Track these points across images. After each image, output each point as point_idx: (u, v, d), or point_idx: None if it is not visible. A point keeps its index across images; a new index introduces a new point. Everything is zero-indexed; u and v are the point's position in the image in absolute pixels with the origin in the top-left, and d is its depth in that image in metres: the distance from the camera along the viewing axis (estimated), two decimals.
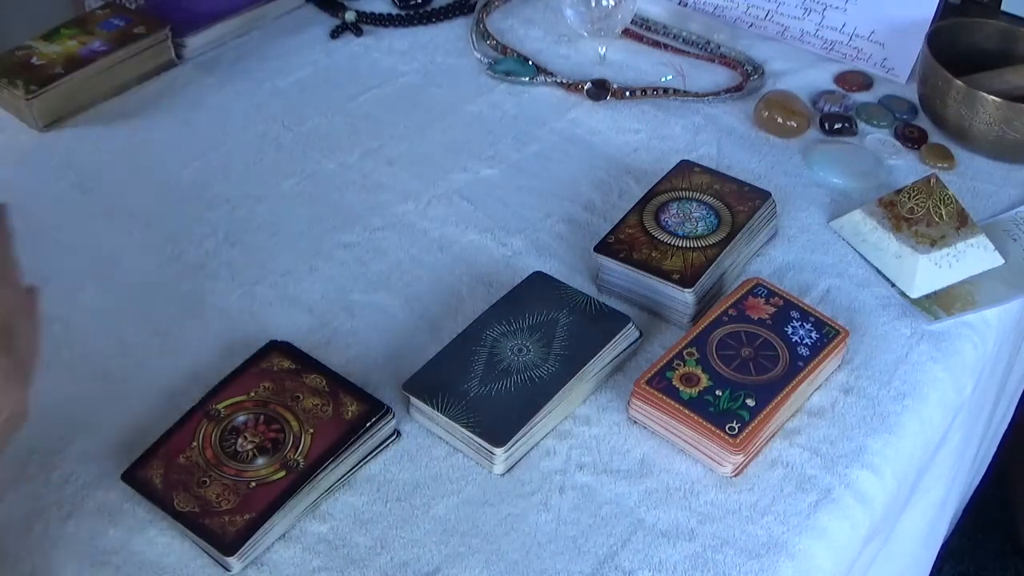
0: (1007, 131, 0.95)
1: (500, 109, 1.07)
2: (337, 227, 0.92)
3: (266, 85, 1.10)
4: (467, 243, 0.91)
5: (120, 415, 0.76)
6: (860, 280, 0.86)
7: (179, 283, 0.87)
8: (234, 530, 0.65)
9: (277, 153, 1.01)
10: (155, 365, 0.80)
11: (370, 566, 0.67)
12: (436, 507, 0.70)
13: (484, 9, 1.21)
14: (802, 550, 0.68)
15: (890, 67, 1.10)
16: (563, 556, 0.67)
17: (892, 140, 1.02)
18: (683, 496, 0.71)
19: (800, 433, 0.75)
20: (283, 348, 0.77)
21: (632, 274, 0.82)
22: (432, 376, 0.74)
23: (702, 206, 0.87)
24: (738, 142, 1.02)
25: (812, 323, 0.77)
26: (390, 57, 1.15)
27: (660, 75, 1.11)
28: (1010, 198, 0.95)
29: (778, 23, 1.16)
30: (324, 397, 0.73)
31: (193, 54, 1.13)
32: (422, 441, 0.75)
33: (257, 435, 0.70)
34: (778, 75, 1.11)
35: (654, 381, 0.73)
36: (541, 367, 0.75)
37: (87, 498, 0.71)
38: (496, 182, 0.98)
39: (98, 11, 1.13)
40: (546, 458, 0.73)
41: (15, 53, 1.06)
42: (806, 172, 0.98)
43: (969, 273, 0.86)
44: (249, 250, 0.90)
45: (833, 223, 0.92)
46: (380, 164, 1.00)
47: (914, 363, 0.80)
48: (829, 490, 0.71)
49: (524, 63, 1.11)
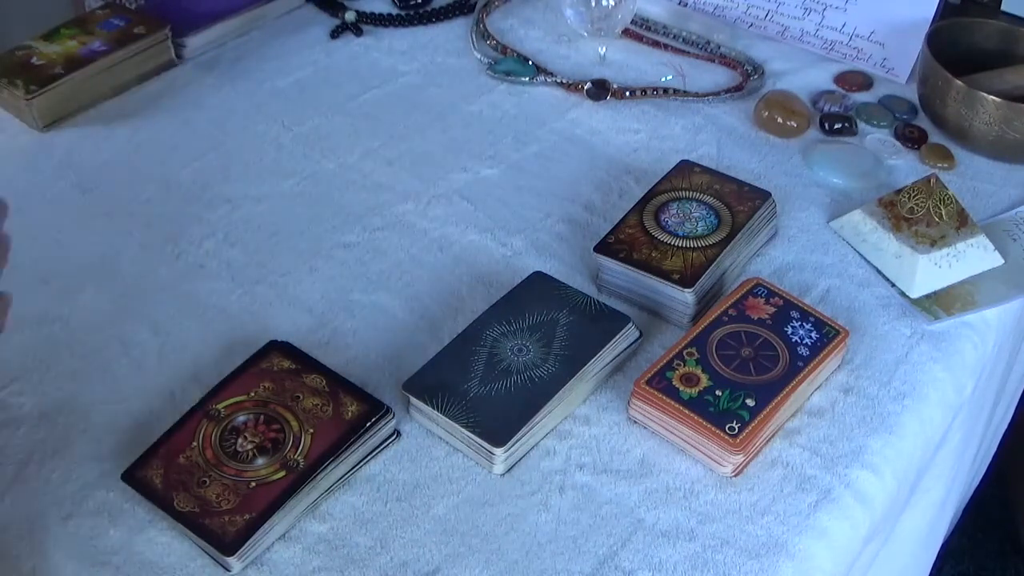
0: (1007, 131, 0.95)
1: (500, 109, 1.07)
2: (337, 227, 0.92)
3: (266, 85, 1.10)
4: (467, 243, 0.91)
5: (120, 415, 0.76)
6: (860, 280, 0.86)
7: (179, 283, 0.87)
8: (234, 530, 0.65)
9: (277, 153, 1.01)
10: (155, 365, 0.80)
11: (370, 566, 0.67)
12: (436, 507, 0.70)
13: (484, 9, 1.21)
14: (802, 550, 0.68)
15: (890, 67, 1.10)
16: (563, 556, 0.67)
17: (892, 140, 1.02)
18: (683, 496, 0.71)
19: (800, 433, 0.75)
20: (283, 348, 0.77)
21: (632, 274, 0.82)
22: (432, 376, 0.74)
23: (702, 206, 0.87)
24: (738, 142, 1.02)
25: (812, 323, 0.77)
26: (390, 57, 1.15)
27: (660, 75, 1.11)
28: (1010, 198, 0.95)
29: (778, 23, 1.16)
30: (324, 397, 0.73)
31: (193, 54, 1.13)
32: (422, 441, 0.75)
33: (257, 435, 0.70)
34: (778, 75, 1.11)
35: (654, 381, 0.73)
36: (541, 367, 0.75)
37: (87, 498, 0.71)
38: (496, 182, 0.98)
39: (98, 11, 1.13)
40: (546, 458, 0.73)
41: (15, 53, 1.06)
42: (806, 172, 0.98)
43: (969, 273, 0.86)
44: (249, 250, 0.90)
45: (833, 223, 0.92)
46: (380, 164, 1.00)
47: (914, 363, 0.80)
48: (829, 490, 0.71)
49: (524, 63, 1.11)
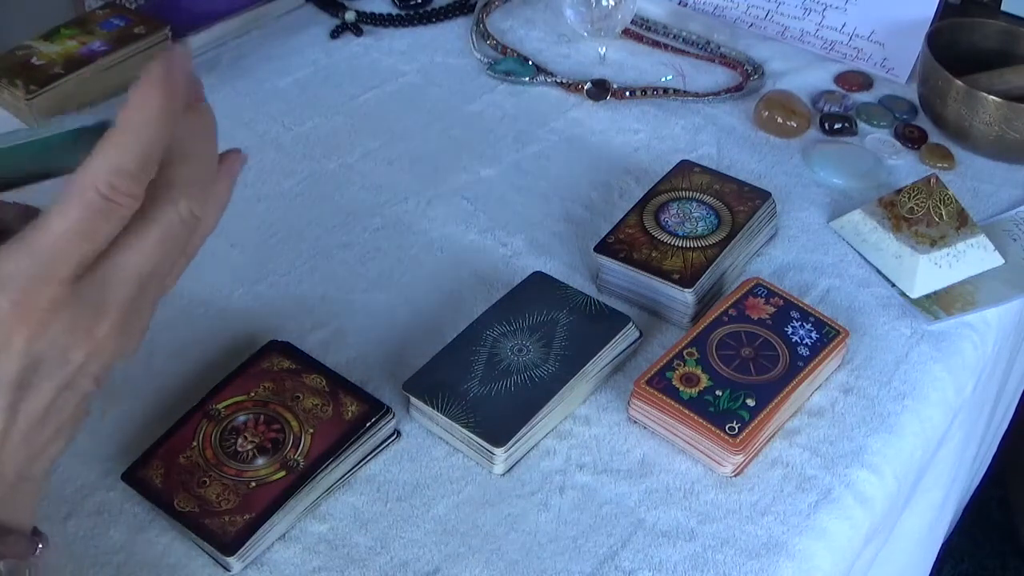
0: (1007, 131, 0.95)
1: (500, 109, 1.07)
2: (337, 227, 0.92)
3: (266, 85, 1.10)
4: (467, 243, 0.91)
5: (120, 415, 0.76)
6: (860, 280, 0.86)
7: (179, 283, 0.87)
8: (234, 530, 0.65)
9: (277, 153, 1.01)
10: (155, 365, 0.80)
11: (370, 566, 0.67)
12: (436, 507, 0.70)
13: (484, 9, 1.21)
14: (802, 550, 0.68)
15: (890, 67, 1.10)
16: (563, 556, 0.67)
17: (892, 140, 1.02)
18: (683, 496, 0.71)
19: (800, 433, 0.75)
20: (283, 348, 0.77)
21: (632, 274, 0.82)
22: (432, 376, 0.74)
23: (702, 206, 0.86)
24: (738, 142, 1.02)
25: (812, 323, 0.77)
26: (390, 57, 1.15)
27: (660, 75, 1.11)
28: (1010, 198, 0.95)
29: (778, 23, 1.16)
30: (324, 397, 0.73)
31: (193, 54, 1.13)
32: (422, 441, 0.75)
33: (257, 435, 0.70)
34: (778, 75, 1.11)
35: (654, 381, 0.73)
36: (541, 367, 0.75)
37: (87, 498, 0.71)
38: (496, 182, 0.98)
39: (98, 11, 1.13)
40: (546, 458, 0.73)
41: (15, 53, 1.06)
42: (806, 172, 0.98)
43: (969, 273, 0.86)
44: (249, 250, 0.90)
45: (833, 223, 0.92)
46: (380, 164, 1.00)
47: (914, 363, 0.80)
48: (829, 490, 0.71)
49: (524, 63, 1.11)
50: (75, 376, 0.45)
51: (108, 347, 0.45)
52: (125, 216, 0.43)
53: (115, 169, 0.42)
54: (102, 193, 0.42)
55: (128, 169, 0.42)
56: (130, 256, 0.45)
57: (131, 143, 0.42)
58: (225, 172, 0.51)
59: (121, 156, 0.42)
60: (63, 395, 0.45)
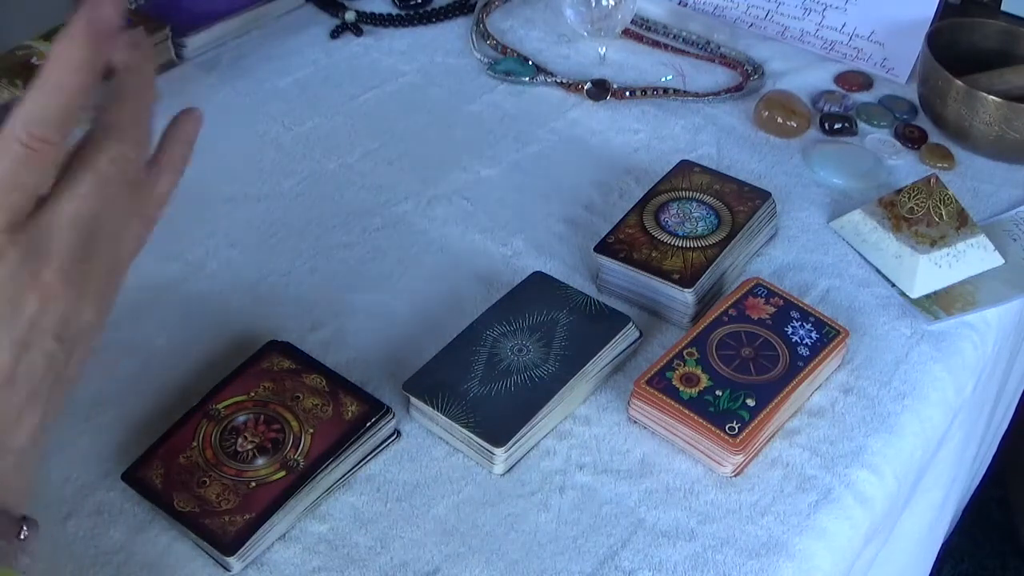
0: (1007, 131, 0.95)
1: (500, 109, 1.07)
2: (337, 227, 0.92)
3: (266, 85, 1.10)
4: (467, 243, 0.91)
5: (120, 415, 0.76)
6: (860, 280, 0.86)
7: (179, 283, 0.87)
8: (234, 530, 0.65)
9: (277, 153, 1.01)
10: (156, 365, 0.80)
11: (370, 566, 0.67)
12: (436, 507, 0.70)
13: (484, 9, 1.21)
14: (802, 550, 0.68)
15: (890, 67, 1.10)
16: (563, 556, 0.67)
17: (892, 140, 1.02)
18: (683, 496, 0.71)
19: (800, 433, 0.75)
20: (283, 348, 0.77)
21: (632, 274, 0.82)
22: (432, 376, 0.74)
23: (702, 206, 0.87)
24: (738, 142, 1.02)
25: (812, 323, 0.77)
26: (390, 57, 1.15)
27: (660, 75, 1.11)
28: (1010, 198, 0.95)
29: (778, 23, 1.16)
30: (324, 397, 0.73)
31: (193, 54, 1.13)
32: (422, 441, 0.75)
33: (257, 435, 0.70)
34: (778, 75, 1.11)
35: (654, 381, 0.73)
36: (541, 367, 0.75)
37: (87, 498, 0.71)
38: (496, 182, 0.98)
39: None
40: (546, 458, 0.73)
41: (15, 53, 1.06)
42: (806, 172, 0.98)
43: (969, 273, 0.86)
44: (249, 250, 0.90)
45: (833, 223, 0.92)
46: (380, 164, 1.00)
47: (914, 363, 0.80)
48: (829, 490, 0.71)
49: (524, 63, 1.11)
50: (31, 331, 0.45)
51: (59, 295, 0.46)
52: (47, 163, 0.45)
53: (34, 119, 0.43)
54: (23, 142, 0.43)
55: (46, 117, 0.44)
56: (66, 202, 0.46)
57: (50, 93, 0.44)
58: (180, 135, 0.52)
59: (41, 107, 0.44)
60: (27, 355, 0.45)
